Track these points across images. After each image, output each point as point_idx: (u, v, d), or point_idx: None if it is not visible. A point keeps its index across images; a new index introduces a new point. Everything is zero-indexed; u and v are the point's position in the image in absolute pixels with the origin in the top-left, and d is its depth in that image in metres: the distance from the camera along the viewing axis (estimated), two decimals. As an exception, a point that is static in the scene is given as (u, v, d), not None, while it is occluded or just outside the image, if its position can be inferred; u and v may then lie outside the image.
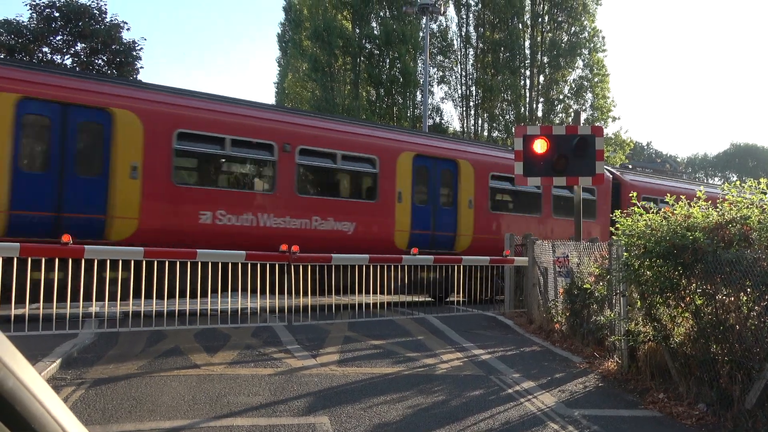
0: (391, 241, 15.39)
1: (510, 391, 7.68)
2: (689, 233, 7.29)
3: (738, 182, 8.79)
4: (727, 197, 7.85)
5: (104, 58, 29.08)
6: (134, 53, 29.63)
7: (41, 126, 11.72)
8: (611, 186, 20.43)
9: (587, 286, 9.98)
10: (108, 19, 28.94)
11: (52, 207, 11.51)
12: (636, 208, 8.51)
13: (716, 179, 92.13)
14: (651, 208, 8.43)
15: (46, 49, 28.14)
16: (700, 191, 8.25)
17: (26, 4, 27.45)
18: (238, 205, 13.38)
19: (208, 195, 13.13)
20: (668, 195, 8.93)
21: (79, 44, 28.73)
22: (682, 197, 8.28)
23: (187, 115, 12.94)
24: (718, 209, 7.68)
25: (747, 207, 7.44)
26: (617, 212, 8.92)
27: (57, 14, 27.81)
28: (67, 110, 11.69)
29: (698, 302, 7.36)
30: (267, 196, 13.90)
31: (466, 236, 16.74)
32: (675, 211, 8.06)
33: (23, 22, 27.24)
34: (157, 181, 12.44)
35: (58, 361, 7.70)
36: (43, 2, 27.52)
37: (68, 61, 28.30)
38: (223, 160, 14.06)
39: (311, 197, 14.64)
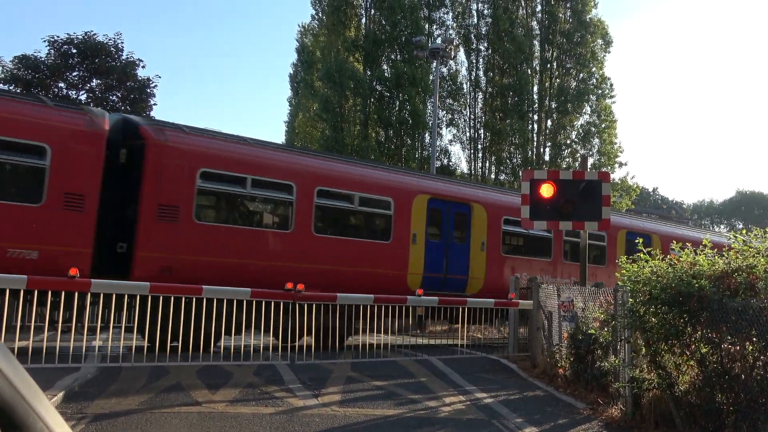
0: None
1: (512, 436, 7.59)
2: (695, 281, 7.28)
3: (744, 230, 8.79)
4: (733, 245, 7.87)
5: (119, 94, 29.57)
6: (148, 90, 30.11)
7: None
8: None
9: (592, 331, 9.92)
10: (124, 57, 29.52)
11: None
12: (642, 254, 8.51)
13: (722, 226, 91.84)
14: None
15: (62, 85, 28.64)
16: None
17: (44, 40, 28.13)
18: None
19: None
20: None
21: (94, 80, 29.24)
22: None
23: None
24: (724, 257, 7.69)
25: (753, 256, 7.44)
26: (623, 258, 8.90)
27: (74, 50, 28.38)
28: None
29: (703, 350, 7.32)
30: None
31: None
32: (681, 258, 8.07)
33: (41, 57, 27.81)
34: None
35: (60, 394, 7.69)
36: (61, 39, 28.12)
37: (83, 97, 28.79)
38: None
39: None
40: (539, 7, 39.18)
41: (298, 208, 14.08)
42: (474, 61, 38.80)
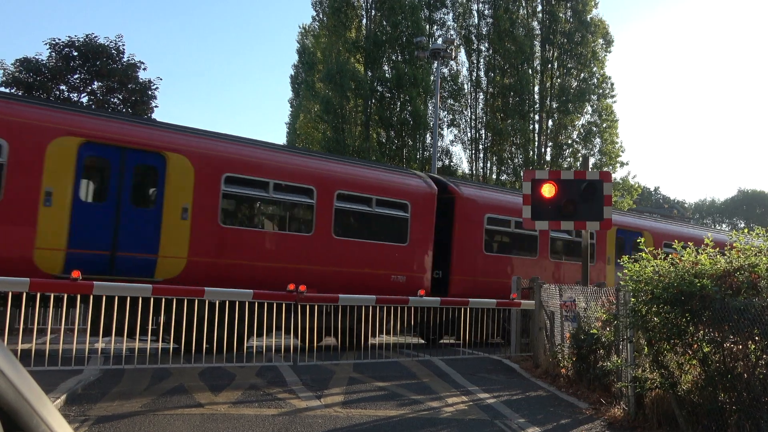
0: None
1: (515, 436, 7.60)
2: (697, 280, 7.27)
3: (746, 229, 8.78)
4: (735, 244, 7.87)
5: (120, 96, 29.57)
6: (150, 92, 30.11)
7: None
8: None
9: (594, 331, 9.92)
10: (125, 59, 29.51)
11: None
12: (644, 254, 8.51)
13: (724, 225, 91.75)
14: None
15: (63, 87, 28.65)
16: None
17: (45, 43, 28.11)
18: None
19: None
20: None
21: (96, 83, 29.25)
22: None
23: None
24: (726, 256, 7.68)
25: (755, 255, 7.43)
26: (625, 258, 8.88)
27: (75, 53, 28.38)
28: None
29: (706, 350, 7.31)
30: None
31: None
32: (683, 258, 8.06)
33: (42, 60, 27.80)
34: None
35: (63, 397, 7.70)
36: (63, 41, 28.13)
37: (84, 99, 28.79)
38: None
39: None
40: (540, 7, 39.21)
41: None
42: (475, 61, 38.84)
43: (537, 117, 38.82)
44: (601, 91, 38.58)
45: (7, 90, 25.68)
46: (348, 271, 14.32)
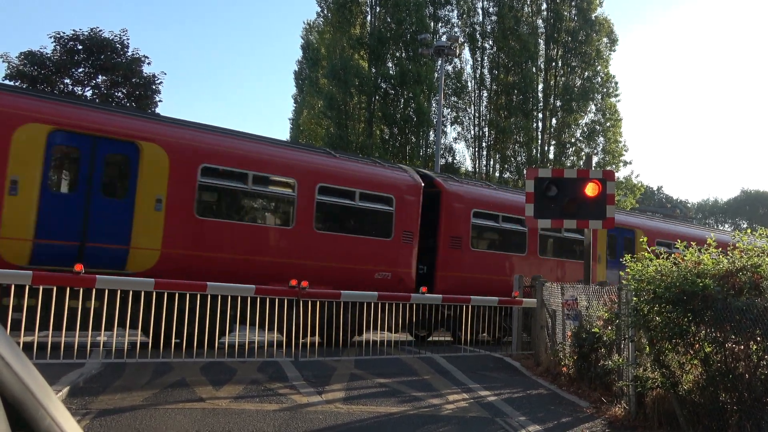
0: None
1: (516, 434, 7.61)
2: (699, 280, 7.27)
3: (749, 230, 8.78)
4: (737, 245, 7.87)
5: (124, 90, 29.61)
6: (154, 87, 30.14)
7: None
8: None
9: (596, 330, 9.92)
10: (129, 53, 29.53)
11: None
12: (646, 253, 8.51)
13: (726, 225, 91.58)
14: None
15: (67, 81, 28.68)
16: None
17: (50, 36, 28.15)
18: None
19: None
20: None
21: (100, 77, 29.28)
22: None
23: None
24: (728, 257, 7.68)
25: (758, 255, 7.43)
26: (627, 257, 8.88)
27: (80, 47, 28.41)
28: None
29: (707, 349, 7.31)
30: None
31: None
32: (685, 258, 8.06)
33: (47, 53, 27.82)
34: None
35: (65, 390, 7.73)
36: (67, 35, 28.15)
37: (89, 93, 28.83)
38: None
39: None
40: (544, 5, 39.12)
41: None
42: (479, 59, 38.78)
43: (540, 115, 38.78)
44: (605, 90, 38.51)
45: (11, 83, 25.71)
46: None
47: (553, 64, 38.71)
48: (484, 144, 38.72)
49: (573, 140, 38.91)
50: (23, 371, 1.22)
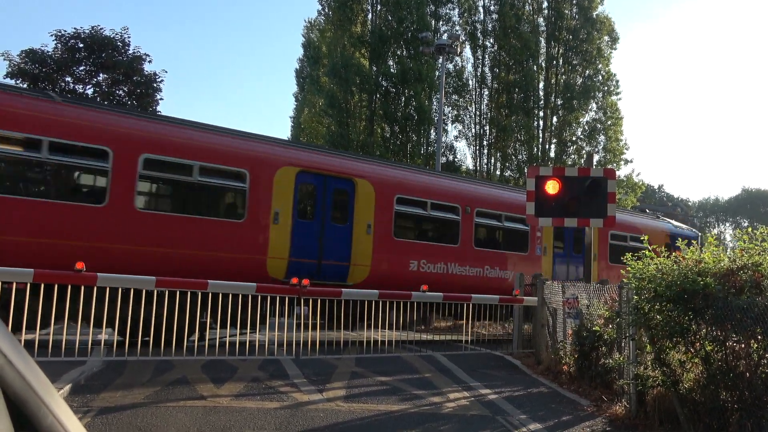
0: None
1: (516, 432, 7.61)
2: (700, 278, 7.27)
3: (749, 228, 8.77)
4: (738, 243, 7.86)
5: (125, 89, 29.58)
6: (155, 85, 30.12)
7: None
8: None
9: (596, 328, 9.93)
10: (130, 51, 29.51)
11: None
12: (647, 251, 8.51)
13: (727, 224, 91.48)
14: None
15: (68, 79, 28.66)
16: None
17: (51, 35, 28.10)
18: None
19: None
20: None
21: (101, 75, 29.26)
22: None
23: None
24: (729, 255, 7.69)
25: (759, 254, 7.43)
26: (628, 255, 8.86)
27: (81, 45, 28.39)
28: None
29: (708, 348, 7.31)
30: None
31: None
32: (686, 256, 8.06)
33: (48, 51, 27.80)
34: None
35: (66, 387, 7.74)
36: (68, 33, 28.13)
37: (90, 91, 28.81)
38: None
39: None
40: (545, 4, 39.06)
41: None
42: (480, 57, 38.73)
43: (541, 114, 38.74)
44: (606, 88, 38.45)
45: (12, 81, 25.71)
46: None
47: (554, 62, 38.66)
48: (485, 142, 38.69)
49: (574, 138, 38.87)
50: (26, 369, 1.23)
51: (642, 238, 9.30)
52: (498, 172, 38.05)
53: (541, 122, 38.74)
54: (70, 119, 11.85)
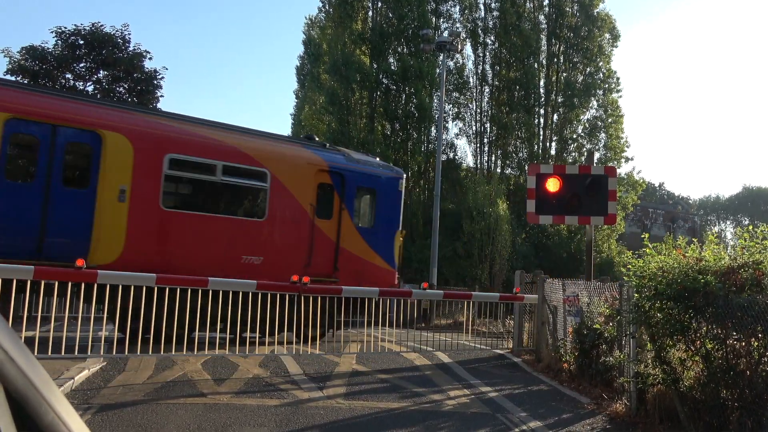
0: None
1: (516, 430, 7.61)
2: (701, 276, 7.26)
3: (750, 226, 8.77)
4: (739, 241, 7.86)
5: (126, 86, 29.54)
6: (155, 82, 30.08)
7: None
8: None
9: (597, 326, 9.93)
10: (131, 48, 29.47)
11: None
12: (648, 249, 8.50)
13: (728, 222, 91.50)
14: None
15: (69, 76, 28.64)
16: None
17: (51, 31, 28.06)
18: None
19: None
20: None
21: (101, 71, 29.22)
22: None
23: None
24: (730, 254, 7.68)
25: (759, 252, 7.42)
26: (628, 253, 8.86)
27: (81, 42, 28.35)
28: None
29: (708, 346, 7.31)
30: None
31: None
32: (687, 254, 8.05)
33: (48, 48, 27.77)
34: None
35: (67, 384, 7.73)
36: (69, 30, 28.09)
37: (90, 88, 28.79)
38: None
39: None
40: (546, 1, 39.10)
41: None
42: (481, 54, 38.74)
43: (542, 111, 38.75)
44: (606, 85, 38.48)
45: (13, 78, 25.69)
46: None
47: (555, 60, 38.66)
48: (485, 140, 38.70)
49: (575, 136, 38.90)
50: (27, 366, 1.22)
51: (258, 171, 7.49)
52: (499, 170, 38.06)
53: (541, 120, 38.76)
54: None
